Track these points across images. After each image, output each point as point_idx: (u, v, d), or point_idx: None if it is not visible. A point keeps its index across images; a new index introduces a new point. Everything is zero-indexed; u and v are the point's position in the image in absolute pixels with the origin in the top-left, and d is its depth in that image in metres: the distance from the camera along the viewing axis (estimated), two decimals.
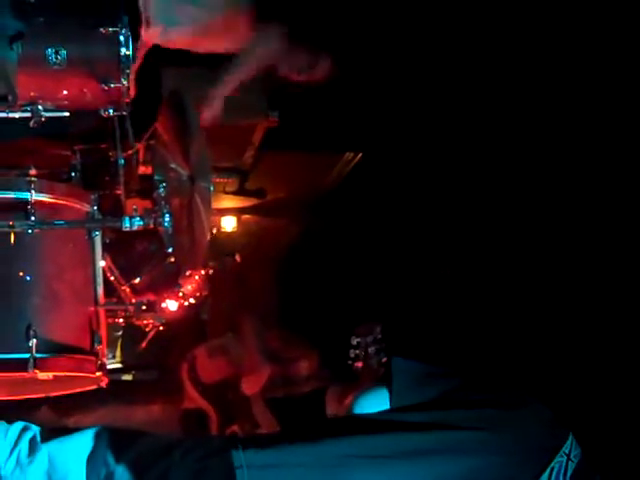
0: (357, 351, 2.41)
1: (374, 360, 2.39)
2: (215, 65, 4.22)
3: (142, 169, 4.30)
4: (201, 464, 1.80)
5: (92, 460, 1.93)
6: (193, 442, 1.94)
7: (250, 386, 4.71)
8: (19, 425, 2.07)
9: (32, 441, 2.02)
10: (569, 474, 1.84)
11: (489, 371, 2.13)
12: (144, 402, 4.75)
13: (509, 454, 1.83)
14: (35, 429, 2.06)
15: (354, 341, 2.43)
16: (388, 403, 1.97)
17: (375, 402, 1.98)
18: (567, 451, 1.87)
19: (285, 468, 1.74)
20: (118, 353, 5.25)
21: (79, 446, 1.96)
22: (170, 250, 3.09)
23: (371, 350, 2.40)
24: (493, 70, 4.22)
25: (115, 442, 1.96)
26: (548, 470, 1.83)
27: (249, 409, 4.61)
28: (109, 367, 4.04)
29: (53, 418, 3.86)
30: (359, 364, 2.41)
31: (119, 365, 5.28)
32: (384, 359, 2.39)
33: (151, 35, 3.51)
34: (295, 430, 1.95)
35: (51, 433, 2.04)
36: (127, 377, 5.33)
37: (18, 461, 1.99)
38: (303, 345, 4.82)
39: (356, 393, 2.04)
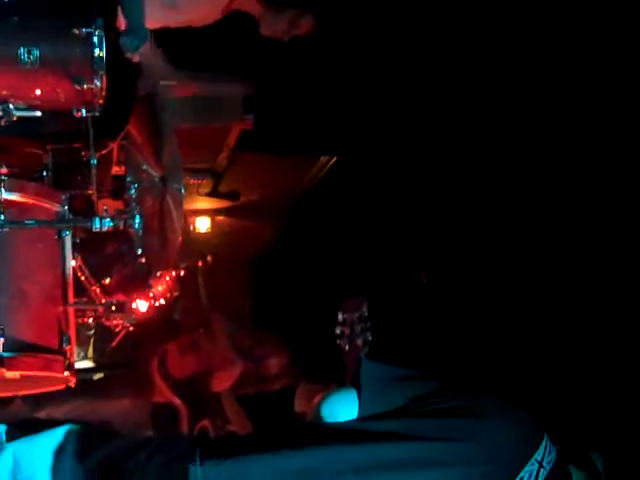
0: (343, 328, 2.41)
1: (359, 338, 2.40)
2: (190, 67, 4.23)
3: (115, 169, 4.30)
4: (164, 469, 1.81)
5: (58, 461, 1.93)
6: (158, 443, 1.95)
7: (221, 382, 4.72)
8: None
9: None
10: None
11: (465, 373, 2.12)
12: (115, 396, 4.73)
13: (476, 464, 1.82)
14: (1, 428, 2.05)
15: (340, 317, 2.43)
16: (356, 404, 1.94)
17: (343, 402, 1.96)
18: (539, 458, 1.86)
19: None
20: (90, 352, 5.23)
21: (45, 446, 1.96)
22: (140, 251, 3.09)
23: (357, 328, 2.40)
24: (469, 75, 4.25)
25: (82, 443, 1.95)
26: (517, 479, 1.83)
27: (220, 405, 4.62)
28: (81, 366, 4.04)
29: (25, 411, 3.84)
30: (343, 342, 2.41)
31: (91, 364, 5.27)
32: (370, 337, 2.39)
33: None
34: (256, 440, 1.94)
35: (17, 432, 2.03)
36: (99, 376, 5.32)
37: None
38: (274, 343, 4.84)
39: (325, 392, 2.02)
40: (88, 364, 5.22)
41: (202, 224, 5.70)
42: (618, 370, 3.38)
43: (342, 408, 1.95)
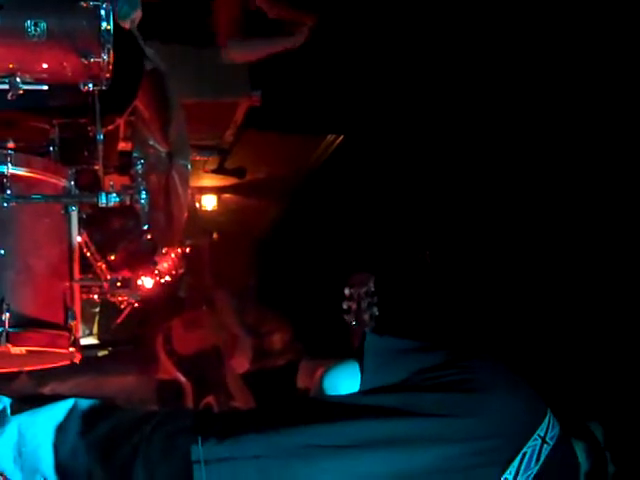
0: (350, 303, 2.41)
1: (366, 313, 2.38)
2: (198, 44, 4.21)
3: (122, 145, 4.27)
4: (168, 442, 1.80)
5: (62, 435, 1.93)
6: (163, 416, 1.94)
7: (241, 365, 4.74)
8: None
9: (1, 414, 2.01)
10: (542, 457, 1.82)
11: (467, 343, 2.10)
12: (120, 372, 4.74)
13: (477, 440, 1.80)
14: (5, 401, 2.05)
15: (347, 292, 2.42)
16: (358, 377, 1.93)
17: (345, 375, 1.95)
18: (542, 434, 1.85)
19: (242, 460, 1.74)
20: (95, 329, 5.24)
21: (49, 419, 1.96)
22: (146, 227, 3.07)
23: (364, 303, 2.39)
24: (476, 56, 4.22)
25: (86, 417, 1.95)
26: (520, 455, 1.81)
27: (224, 381, 4.63)
28: (86, 343, 4.04)
29: (30, 386, 3.85)
30: (350, 317, 2.40)
31: (96, 341, 5.28)
32: (376, 312, 2.38)
33: None
34: (256, 417, 1.94)
35: (22, 405, 2.03)
36: (103, 353, 5.33)
37: None
38: (277, 319, 4.85)
39: (327, 365, 2.01)
40: (93, 341, 5.24)
41: (208, 201, 5.69)
42: (616, 341, 3.39)
43: (344, 381, 1.94)
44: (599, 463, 1.93)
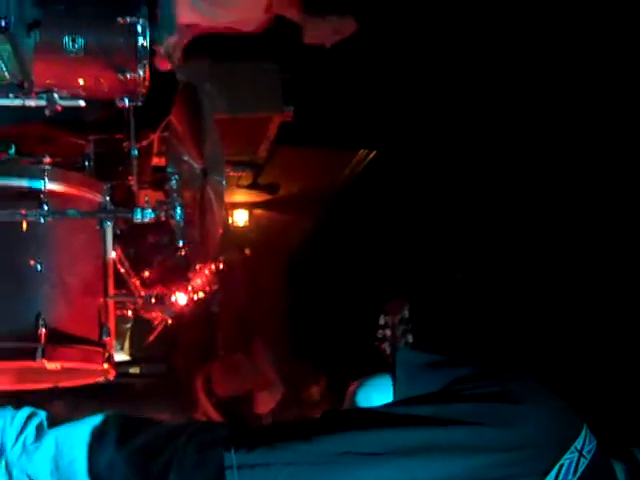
0: (384, 331, 2.38)
1: (401, 341, 2.36)
2: (230, 60, 4.21)
3: (156, 160, 4.28)
4: (201, 455, 1.79)
5: (98, 447, 1.92)
6: (197, 428, 1.93)
7: (263, 404, 4.74)
8: (26, 411, 2.05)
9: (39, 427, 2.00)
10: (580, 471, 1.77)
11: (501, 362, 2.08)
12: (155, 408, 4.73)
13: (513, 451, 1.76)
14: (42, 415, 2.05)
15: (382, 320, 2.39)
16: (391, 390, 1.92)
17: (378, 388, 1.94)
18: (579, 447, 1.80)
19: (275, 467, 1.73)
20: (127, 345, 5.24)
21: (85, 432, 1.95)
22: (181, 243, 3.06)
23: (398, 331, 2.37)
24: (504, 68, 4.19)
25: (122, 429, 1.94)
26: (557, 467, 1.76)
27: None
28: (117, 359, 4.04)
29: (64, 414, 3.86)
30: (385, 345, 2.37)
31: (128, 358, 5.28)
32: (411, 340, 2.35)
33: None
34: (289, 428, 1.93)
35: (58, 419, 2.03)
36: (135, 370, 5.33)
37: (24, 447, 1.97)
38: (313, 372, 4.86)
39: (360, 380, 2.00)
40: (124, 357, 5.24)
41: (240, 217, 5.69)
42: None
43: (377, 394, 1.93)
44: None
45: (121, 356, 5.17)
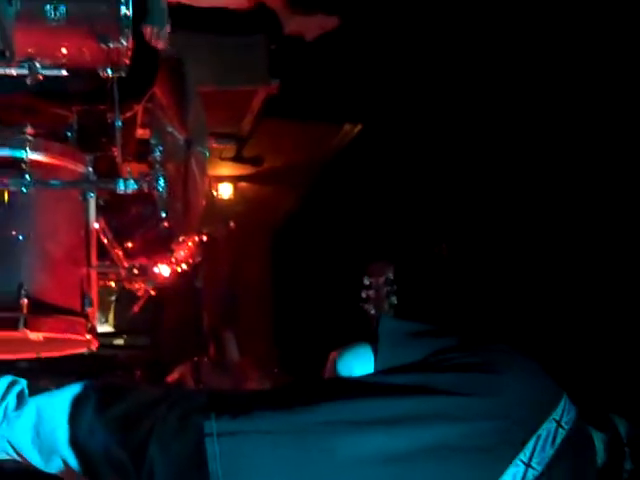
0: (369, 292, 2.39)
1: (385, 302, 2.37)
2: (216, 31, 4.18)
3: (140, 132, 4.26)
4: (181, 423, 1.80)
5: (78, 414, 1.92)
6: (179, 396, 1.94)
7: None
8: (6, 379, 2.05)
9: (20, 395, 2.00)
10: (558, 441, 1.79)
11: (484, 332, 2.09)
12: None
13: (493, 419, 1.77)
14: (23, 383, 2.05)
15: (366, 281, 2.40)
16: (373, 360, 1.90)
17: (359, 357, 1.92)
18: (557, 417, 1.81)
19: (256, 434, 1.73)
20: (111, 318, 5.25)
21: (67, 400, 1.94)
22: (164, 215, 3.06)
23: (382, 292, 2.38)
24: (493, 44, 4.19)
25: (102, 396, 1.94)
26: (534, 437, 1.77)
27: None
28: (101, 331, 4.04)
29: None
30: (369, 307, 2.38)
31: (111, 329, 5.29)
32: (395, 301, 2.36)
33: None
34: (270, 396, 1.93)
35: (39, 387, 2.03)
36: (119, 341, 5.35)
37: (5, 415, 1.98)
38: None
39: (340, 349, 2.00)
40: (108, 329, 5.25)
41: (225, 190, 5.68)
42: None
43: (359, 363, 1.91)
44: (617, 457, 1.90)
45: (105, 327, 5.18)
